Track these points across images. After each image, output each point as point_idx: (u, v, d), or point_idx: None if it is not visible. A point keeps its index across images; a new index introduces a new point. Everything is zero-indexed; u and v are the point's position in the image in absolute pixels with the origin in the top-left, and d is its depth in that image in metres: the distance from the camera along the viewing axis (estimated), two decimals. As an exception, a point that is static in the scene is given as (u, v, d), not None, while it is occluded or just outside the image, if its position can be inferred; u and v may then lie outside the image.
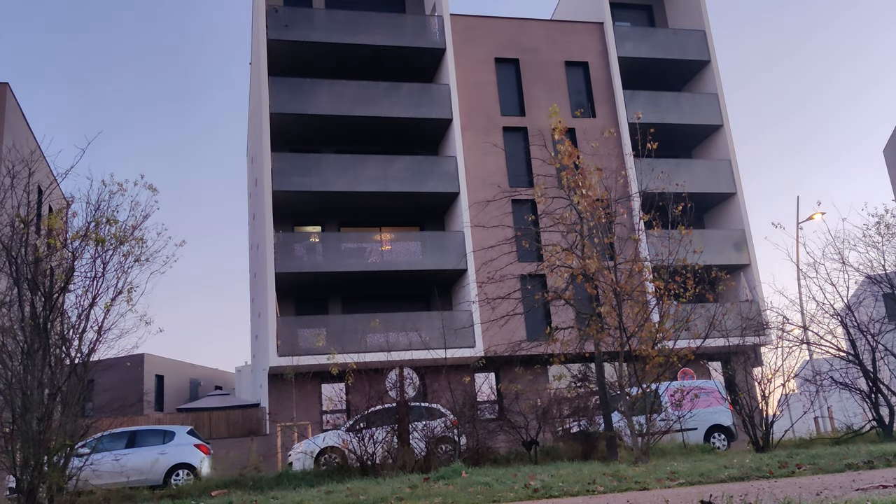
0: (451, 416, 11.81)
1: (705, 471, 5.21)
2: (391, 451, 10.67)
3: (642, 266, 10.34)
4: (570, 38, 26.88)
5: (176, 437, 15.62)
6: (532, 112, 25.28)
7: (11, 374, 8.30)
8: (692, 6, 28.76)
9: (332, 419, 20.04)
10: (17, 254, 8.66)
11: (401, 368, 11.66)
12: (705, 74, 28.08)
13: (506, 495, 4.59)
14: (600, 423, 11.08)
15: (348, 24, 24.32)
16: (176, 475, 14.92)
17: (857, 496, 2.43)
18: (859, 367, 12.41)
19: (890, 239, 13.10)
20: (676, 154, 27.65)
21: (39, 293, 8.76)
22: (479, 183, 23.64)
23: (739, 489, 3.61)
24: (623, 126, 25.52)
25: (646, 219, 11.00)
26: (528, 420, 12.26)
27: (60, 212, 9.64)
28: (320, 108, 23.41)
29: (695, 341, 10.60)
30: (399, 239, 23.46)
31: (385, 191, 23.22)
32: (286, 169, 22.66)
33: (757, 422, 11.31)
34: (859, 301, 13.53)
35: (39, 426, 8.05)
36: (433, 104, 24.32)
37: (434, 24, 25.27)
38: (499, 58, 25.96)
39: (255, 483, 10.58)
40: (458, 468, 7.31)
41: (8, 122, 22.00)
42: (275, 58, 23.89)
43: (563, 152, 10.23)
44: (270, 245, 21.87)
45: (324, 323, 22.46)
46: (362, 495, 5.40)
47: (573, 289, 11.16)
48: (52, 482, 8.22)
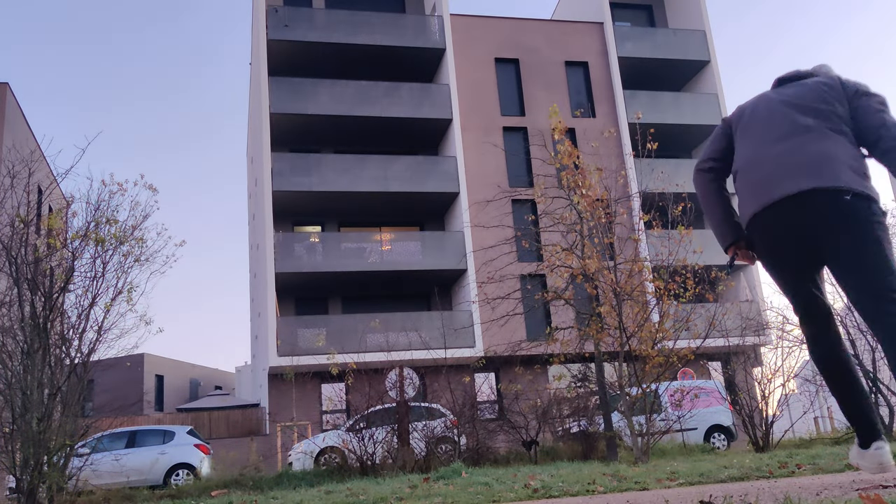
0: (451, 416, 11.81)
1: (705, 471, 5.21)
2: (391, 451, 10.68)
3: (642, 266, 10.33)
4: (570, 38, 26.89)
5: (176, 437, 15.62)
6: (532, 112, 25.29)
7: (11, 374, 8.30)
8: (692, 6, 28.77)
9: (331, 419, 20.04)
10: (17, 254, 8.66)
11: (401, 368, 11.66)
12: (705, 74, 28.09)
13: (506, 495, 4.59)
14: (600, 423, 11.08)
15: (348, 23, 24.33)
16: (176, 475, 14.93)
17: (857, 496, 2.43)
18: (859, 367, 12.41)
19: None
20: (676, 154, 27.66)
21: (39, 293, 8.76)
22: (479, 183, 23.64)
23: (739, 489, 3.61)
24: (623, 126, 25.53)
25: (646, 219, 10.99)
26: (528, 420, 12.26)
27: (60, 212, 9.65)
28: (320, 108, 23.42)
29: (695, 341, 10.60)
30: (399, 239, 23.47)
31: (385, 191, 23.22)
32: (286, 169, 22.67)
33: (757, 422, 11.32)
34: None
35: (39, 426, 8.05)
36: (433, 104, 24.33)
37: (434, 23, 25.28)
38: (499, 58, 25.97)
39: (255, 483, 10.58)
40: (458, 468, 7.31)
41: (8, 122, 22.01)
42: (275, 58, 23.90)
43: (562, 152, 10.23)
44: (270, 245, 21.88)
45: (324, 323, 22.48)
46: (362, 495, 5.40)
47: (573, 289, 11.15)
48: (52, 482, 8.22)
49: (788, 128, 3.00)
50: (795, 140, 2.95)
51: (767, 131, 3.06)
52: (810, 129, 2.95)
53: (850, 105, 2.98)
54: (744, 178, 3.11)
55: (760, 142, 3.06)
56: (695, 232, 11.06)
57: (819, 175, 2.84)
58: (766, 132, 3.07)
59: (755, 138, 3.10)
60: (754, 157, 3.06)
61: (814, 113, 2.98)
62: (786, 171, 2.92)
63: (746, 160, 3.11)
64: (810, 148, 2.90)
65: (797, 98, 3.07)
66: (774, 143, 3.00)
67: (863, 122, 2.94)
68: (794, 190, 2.85)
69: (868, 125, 2.92)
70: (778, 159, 2.96)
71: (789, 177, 2.90)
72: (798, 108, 3.03)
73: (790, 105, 3.06)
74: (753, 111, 3.20)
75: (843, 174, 2.83)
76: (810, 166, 2.86)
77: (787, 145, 2.96)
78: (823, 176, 2.83)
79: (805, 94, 3.07)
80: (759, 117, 3.14)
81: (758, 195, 2.99)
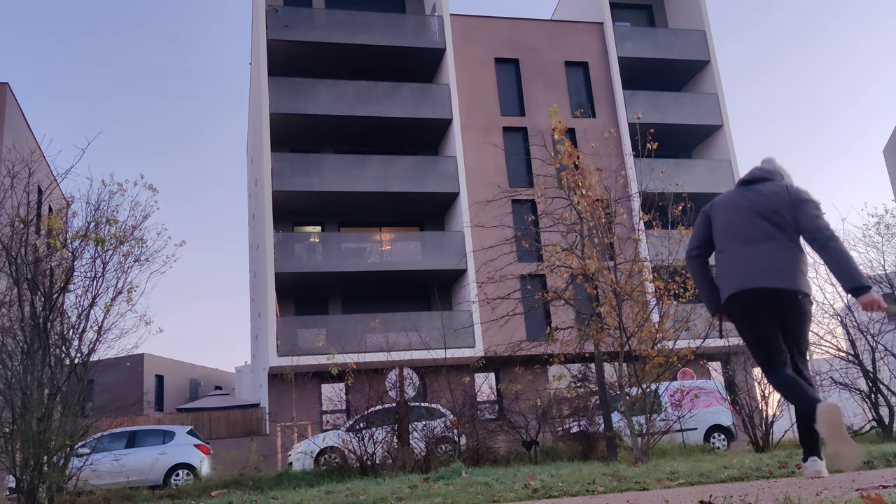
0: (451, 416, 11.80)
1: (705, 471, 5.21)
2: (391, 451, 10.66)
3: (642, 266, 10.32)
4: (569, 38, 26.88)
5: (176, 437, 15.62)
6: (532, 112, 25.29)
7: (11, 374, 8.30)
8: (692, 6, 28.77)
9: (331, 419, 20.05)
10: (17, 254, 8.66)
11: (401, 368, 11.65)
12: (705, 74, 28.09)
13: (506, 495, 4.59)
14: (600, 423, 11.07)
15: (348, 23, 24.32)
16: (176, 475, 14.92)
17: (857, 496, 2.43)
18: (859, 368, 12.40)
19: (890, 239, 13.09)
20: (676, 154, 27.66)
21: (39, 293, 8.76)
22: (479, 183, 23.64)
23: (739, 489, 3.61)
24: (623, 126, 25.52)
25: (646, 219, 10.99)
26: (528, 420, 12.25)
27: (60, 212, 9.64)
28: (320, 108, 23.42)
29: (695, 341, 10.59)
30: (399, 239, 23.47)
31: (385, 191, 23.22)
32: (286, 169, 22.67)
33: (757, 422, 11.31)
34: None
35: (39, 426, 8.04)
36: (433, 104, 24.33)
37: (434, 24, 25.27)
38: (499, 58, 25.96)
39: (255, 483, 10.57)
40: (458, 468, 7.31)
41: (8, 122, 22.01)
42: (275, 58, 23.90)
43: (562, 152, 10.22)
44: (270, 245, 21.88)
45: (324, 323, 22.48)
46: (362, 495, 5.40)
47: (573, 289, 11.14)
48: (52, 482, 8.22)
49: (755, 234, 4.17)
50: (763, 246, 4.14)
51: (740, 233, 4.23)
52: (774, 237, 4.13)
53: (795, 209, 4.14)
54: (723, 268, 4.30)
55: (736, 242, 4.25)
56: (695, 232, 11.03)
57: (782, 279, 4.08)
58: (739, 234, 4.24)
59: (731, 239, 4.28)
60: (732, 254, 4.26)
61: (772, 221, 4.16)
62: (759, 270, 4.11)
63: (725, 254, 4.30)
64: (777, 255, 4.11)
65: (758, 206, 4.21)
66: (746, 245, 4.20)
67: (802, 224, 4.12)
68: (767, 286, 4.09)
69: (806, 227, 4.10)
70: (750, 259, 4.16)
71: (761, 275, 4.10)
72: (761, 216, 4.18)
73: (755, 212, 4.21)
74: (725, 211, 4.36)
75: (798, 280, 4.10)
76: (777, 271, 4.09)
77: (756, 248, 4.16)
78: (785, 280, 4.08)
79: (764, 202, 4.20)
80: (732, 221, 4.30)
81: (735, 282, 4.19)
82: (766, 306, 4.11)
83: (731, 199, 4.36)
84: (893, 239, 13.12)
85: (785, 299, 4.07)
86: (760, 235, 4.15)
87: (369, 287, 24.09)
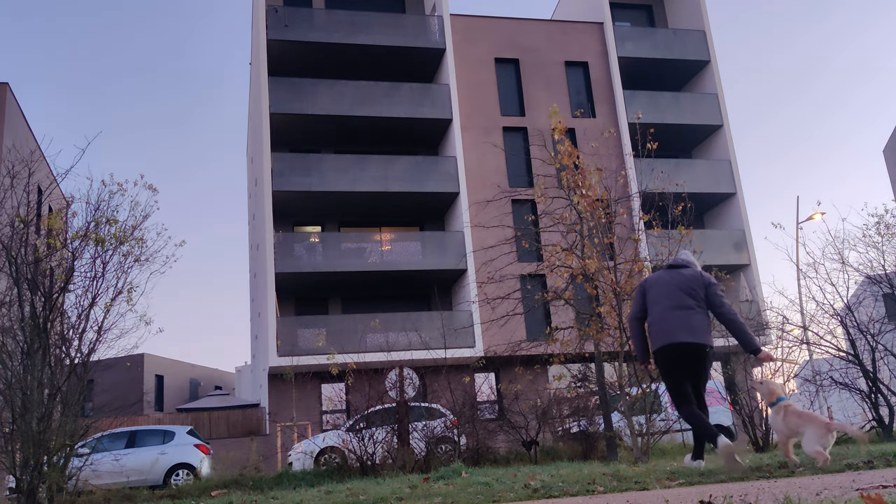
0: (451, 416, 11.79)
1: (705, 471, 5.21)
2: (391, 451, 10.66)
3: (642, 266, 10.33)
4: (569, 38, 26.88)
5: (176, 437, 15.61)
6: (532, 112, 25.28)
7: (11, 374, 8.30)
8: (692, 6, 28.76)
9: (331, 419, 20.04)
10: (17, 254, 8.65)
11: (401, 368, 11.64)
12: (705, 74, 28.09)
13: (506, 495, 4.59)
14: (600, 423, 11.07)
15: (348, 24, 24.31)
16: (176, 475, 14.92)
17: (857, 496, 2.43)
18: (859, 367, 12.39)
19: (890, 239, 13.07)
20: (676, 154, 27.66)
21: (39, 293, 8.76)
22: (479, 183, 23.64)
23: (739, 489, 3.61)
24: (623, 126, 25.52)
25: (646, 219, 10.98)
26: (528, 420, 12.24)
27: (60, 212, 9.64)
28: (320, 108, 23.41)
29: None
30: (399, 239, 23.47)
31: (385, 191, 23.22)
32: (286, 169, 22.66)
33: (757, 422, 11.31)
34: (859, 301, 13.50)
35: (39, 426, 8.04)
36: (433, 104, 24.32)
37: (434, 23, 25.27)
38: (499, 58, 25.96)
39: (255, 483, 10.57)
40: (458, 468, 7.31)
41: (8, 122, 22.01)
42: (275, 58, 23.89)
43: (562, 152, 10.21)
44: (270, 245, 21.87)
45: (324, 323, 22.47)
46: (362, 495, 5.40)
47: (573, 289, 11.14)
48: (52, 482, 8.22)
49: (680, 302, 5.79)
50: (685, 312, 5.75)
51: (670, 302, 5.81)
52: (692, 307, 5.76)
53: (706, 289, 5.83)
54: (655, 326, 5.86)
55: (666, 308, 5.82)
56: (694, 232, 11.06)
57: (698, 336, 5.71)
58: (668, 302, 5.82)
59: (662, 305, 5.84)
60: (662, 316, 5.83)
61: (691, 295, 5.80)
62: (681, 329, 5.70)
63: (658, 315, 5.87)
64: (694, 319, 5.73)
65: (682, 284, 5.84)
66: (673, 310, 5.78)
67: (711, 300, 5.82)
68: (687, 340, 5.69)
69: (714, 303, 5.81)
70: (676, 320, 5.74)
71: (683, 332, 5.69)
72: (683, 291, 5.81)
73: (680, 288, 5.83)
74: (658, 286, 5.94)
75: (706, 337, 5.76)
76: (695, 330, 5.71)
77: (680, 313, 5.76)
78: (699, 337, 5.71)
79: (685, 282, 5.85)
80: (663, 293, 5.87)
81: (664, 337, 5.76)
82: (684, 356, 5.68)
83: (661, 278, 5.99)
84: (893, 239, 13.10)
85: (698, 351, 5.70)
86: (683, 304, 5.75)
87: (369, 287, 24.09)
